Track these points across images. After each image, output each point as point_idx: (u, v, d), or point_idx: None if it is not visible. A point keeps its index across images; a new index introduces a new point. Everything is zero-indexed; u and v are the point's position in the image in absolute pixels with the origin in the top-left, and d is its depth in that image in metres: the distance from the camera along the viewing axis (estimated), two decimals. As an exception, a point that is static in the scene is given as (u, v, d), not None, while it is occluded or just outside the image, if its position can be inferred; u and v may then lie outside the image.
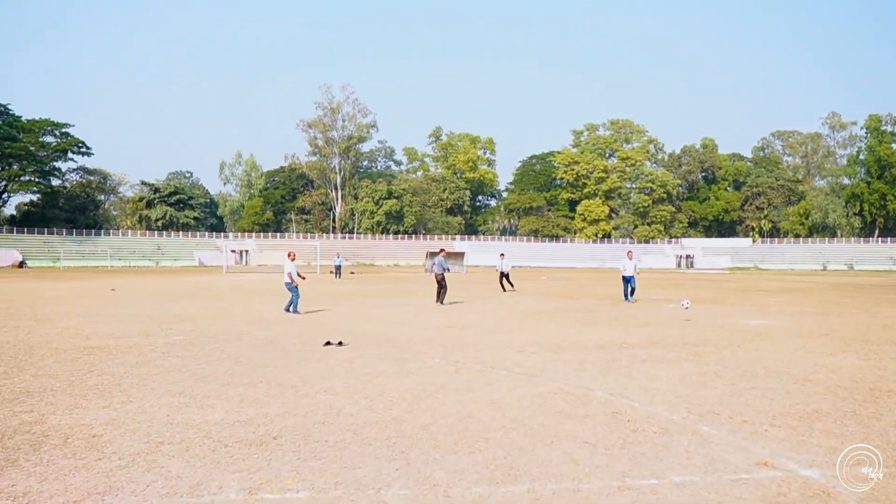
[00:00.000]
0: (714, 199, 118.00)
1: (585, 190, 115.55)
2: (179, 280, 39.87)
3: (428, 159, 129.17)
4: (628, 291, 22.04)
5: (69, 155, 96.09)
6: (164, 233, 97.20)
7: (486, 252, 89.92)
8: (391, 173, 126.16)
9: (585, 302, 22.50)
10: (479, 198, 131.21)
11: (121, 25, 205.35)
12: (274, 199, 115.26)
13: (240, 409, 6.79)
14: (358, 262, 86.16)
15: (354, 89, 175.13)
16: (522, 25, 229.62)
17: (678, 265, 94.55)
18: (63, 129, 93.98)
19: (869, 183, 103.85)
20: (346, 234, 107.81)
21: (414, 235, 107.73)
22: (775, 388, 7.94)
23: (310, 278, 22.93)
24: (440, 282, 20.93)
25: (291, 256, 17.74)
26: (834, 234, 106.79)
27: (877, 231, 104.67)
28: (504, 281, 28.94)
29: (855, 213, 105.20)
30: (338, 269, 45.97)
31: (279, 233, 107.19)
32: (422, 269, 63.17)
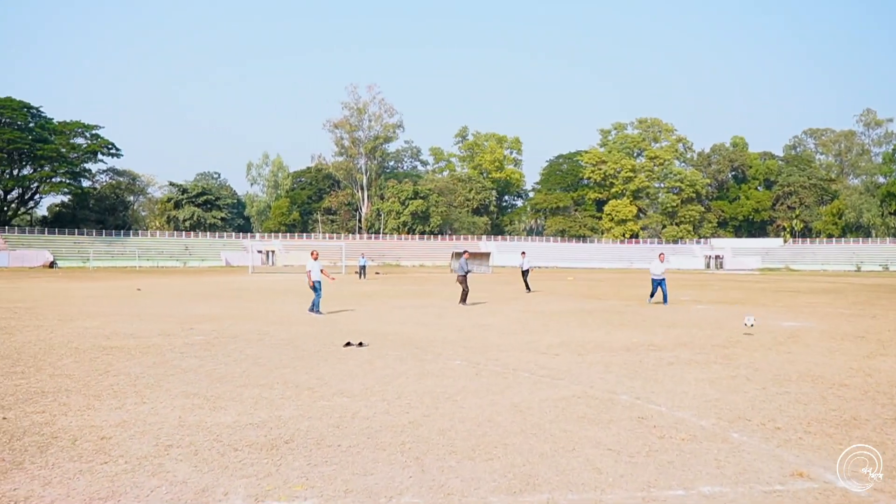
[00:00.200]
0: (744, 198, 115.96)
1: (613, 189, 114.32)
2: (205, 280, 40.17)
3: (454, 159, 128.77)
4: (658, 294, 21.57)
5: (99, 156, 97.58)
6: (192, 233, 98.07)
7: (513, 252, 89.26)
8: (417, 173, 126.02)
9: (612, 303, 22.14)
10: (506, 198, 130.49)
11: (151, 29, 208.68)
12: (300, 200, 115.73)
13: (253, 411, 6.65)
14: (383, 262, 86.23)
15: (381, 89, 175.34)
16: (551, 25, 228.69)
17: (707, 266, 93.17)
18: (93, 131, 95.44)
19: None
20: (372, 235, 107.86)
21: (440, 236, 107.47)
22: (809, 393, 7.60)
23: (336, 279, 22.88)
24: (462, 283, 21.06)
25: (314, 255, 17.71)
26: (868, 235, 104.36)
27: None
28: (526, 279, 28.66)
29: (890, 213, 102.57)
30: (362, 269, 45.93)
31: (305, 233, 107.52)
32: (447, 269, 63.00)
